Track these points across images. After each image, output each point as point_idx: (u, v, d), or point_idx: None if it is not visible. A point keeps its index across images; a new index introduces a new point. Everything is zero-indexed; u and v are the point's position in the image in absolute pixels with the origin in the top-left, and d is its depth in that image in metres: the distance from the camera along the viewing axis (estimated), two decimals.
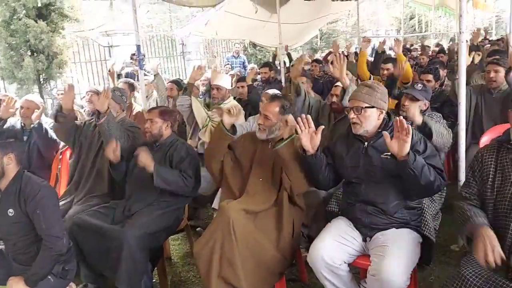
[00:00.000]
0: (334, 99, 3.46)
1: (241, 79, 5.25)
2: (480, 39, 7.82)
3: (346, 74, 4.74)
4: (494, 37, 10.17)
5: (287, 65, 7.66)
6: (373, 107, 2.31)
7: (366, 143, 2.37)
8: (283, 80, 6.29)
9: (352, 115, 2.34)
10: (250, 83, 5.39)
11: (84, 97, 4.96)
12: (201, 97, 5.64)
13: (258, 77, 7.26)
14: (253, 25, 8.65)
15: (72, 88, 3.36)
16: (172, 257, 3.52)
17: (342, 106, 3.37)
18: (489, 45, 7.54)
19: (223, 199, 2.75)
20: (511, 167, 1.99)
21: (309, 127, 2.34)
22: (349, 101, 2.46)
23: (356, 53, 9.10)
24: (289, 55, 8.87)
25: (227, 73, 7.42)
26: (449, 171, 3.95)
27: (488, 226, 1.90)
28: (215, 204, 3.38)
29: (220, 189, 3.45)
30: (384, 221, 2.31)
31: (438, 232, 2.74)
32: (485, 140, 3.10)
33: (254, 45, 13.19)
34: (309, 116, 2.36)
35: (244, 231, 2.40)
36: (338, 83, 3.49)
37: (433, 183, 2.17)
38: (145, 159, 2.76)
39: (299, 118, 2.36)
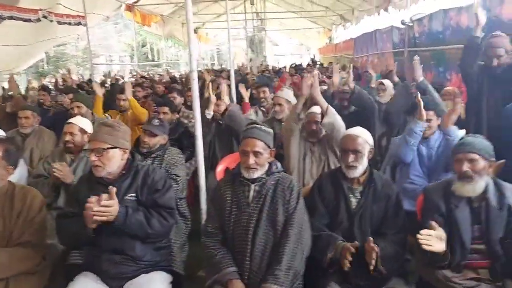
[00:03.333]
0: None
1: None
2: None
3: (79, 107, 4.34)
4: (216, 67, 11.65)
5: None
6: (115, 147, 2.18)
7: (110, 187, 2.18)
8: None
9: (93, 157, 2.15)
10: None
11: None
12: None
13: None
14: None
15: None
16: None
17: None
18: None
19: None
20: (244, 198, 2.22)
21: None
22: (88, 142, 2.24)
23: (90, 80, 8.69)
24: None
25: None
26: (191, 196, 4.14)
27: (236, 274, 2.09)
28: None
29: None
30: (133, 268, 2.18)
31: (186, 262, 2.80)
32: (220, 168, 3.40)
33: None
34: None
35: None
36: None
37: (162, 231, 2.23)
38: None
39: None
